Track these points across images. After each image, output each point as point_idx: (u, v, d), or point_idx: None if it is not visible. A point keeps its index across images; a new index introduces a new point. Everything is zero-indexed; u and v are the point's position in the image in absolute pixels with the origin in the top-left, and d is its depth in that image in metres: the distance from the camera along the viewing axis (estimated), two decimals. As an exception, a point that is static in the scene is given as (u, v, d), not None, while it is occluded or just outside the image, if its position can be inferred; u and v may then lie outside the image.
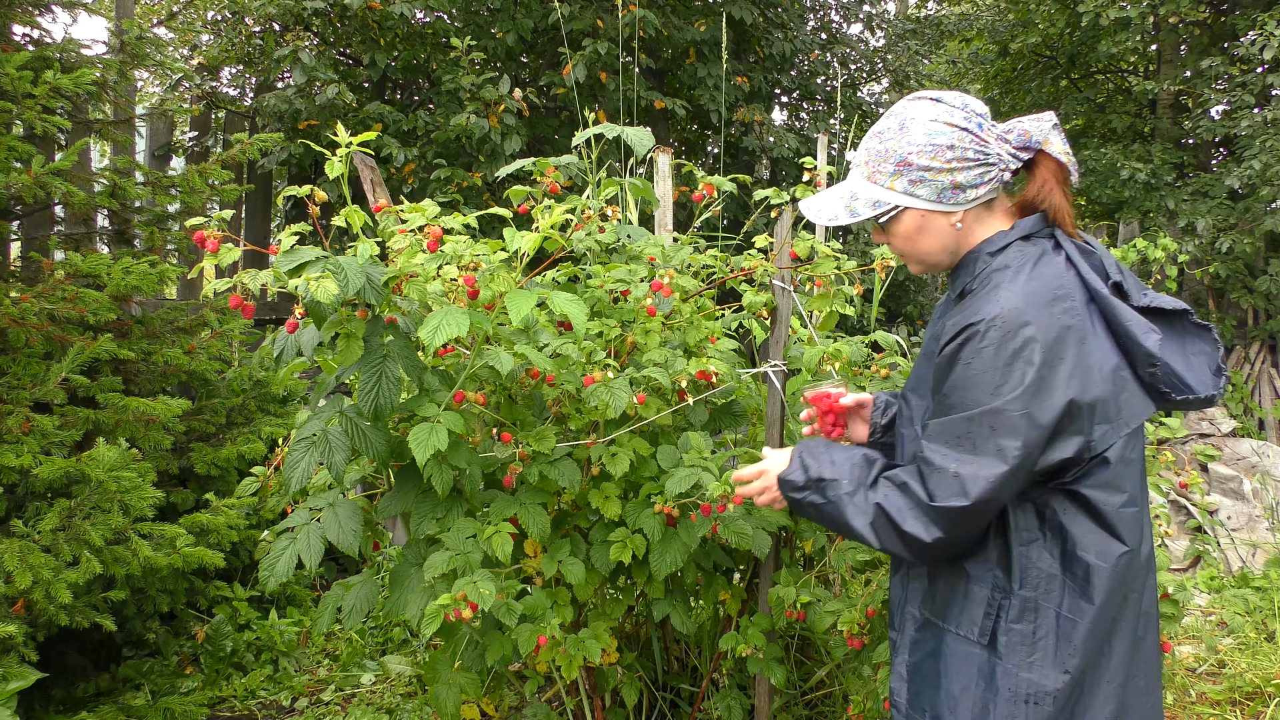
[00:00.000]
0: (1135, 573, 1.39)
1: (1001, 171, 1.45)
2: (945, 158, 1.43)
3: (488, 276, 1.89)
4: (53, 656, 2.89)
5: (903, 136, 1.46)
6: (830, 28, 9.28)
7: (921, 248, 1.52)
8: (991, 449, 1.33)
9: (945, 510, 1.36)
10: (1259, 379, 6.88)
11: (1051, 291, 1.36)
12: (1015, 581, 1.39)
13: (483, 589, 1.79)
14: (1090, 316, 1.38)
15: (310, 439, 1.89)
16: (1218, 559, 5.10)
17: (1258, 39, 6.51)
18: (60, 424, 2.69)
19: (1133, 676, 1.42)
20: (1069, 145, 1.45)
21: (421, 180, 5.83)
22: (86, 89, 3.10)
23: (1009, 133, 1.45)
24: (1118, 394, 1.37)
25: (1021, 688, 1.37)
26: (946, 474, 1.36)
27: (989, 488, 1.33)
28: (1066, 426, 1.33)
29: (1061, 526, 1.38)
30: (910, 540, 1.40)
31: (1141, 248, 5.89)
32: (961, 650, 1.45)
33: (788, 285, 2.31)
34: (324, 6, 5.84)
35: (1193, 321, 1.44)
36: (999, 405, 1.32)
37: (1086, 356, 1.34)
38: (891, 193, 1.48)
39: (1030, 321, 1.33)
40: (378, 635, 3.72)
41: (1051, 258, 1.42)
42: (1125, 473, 1.37)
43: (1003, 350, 1.33)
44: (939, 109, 1.45)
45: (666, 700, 2.69)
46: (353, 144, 1.88)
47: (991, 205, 1.49)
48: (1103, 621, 1.36)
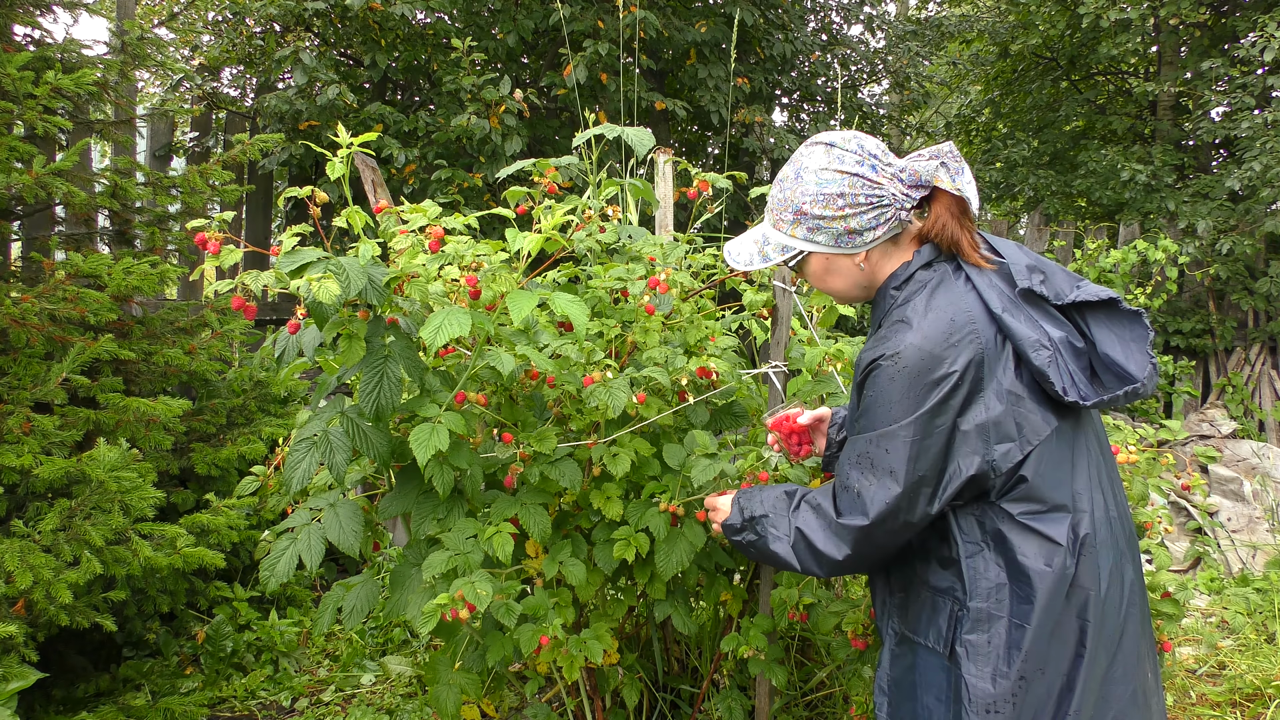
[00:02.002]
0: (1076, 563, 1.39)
1: (898, 210, 1.50)
2: (837, 205, 1.49)
3: (489, 277, 1.89)
4: (53, 657, 2.89)
5: (798, 186, 1.52)
6: (831, 29, 9.29)
7: (832, 286, 1.60)
8: (885, 469, 1.41)
9: (849, 528, 1.45)
10: (1259, 380, 6.87)
11: (948, 320, 1.41)
12: (967, 593, 1.42)
13: (480, 589, 1.79)
14: (993, 338, 1.41)
15: (311, 439, 1.89)
16: (1218, 560, 5.10)
17: (1258, 41, 6.51)
18: (61, 424, 2.69)
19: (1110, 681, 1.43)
20: (966, 174, 1.48)
21: (422, 181, 5.84)
22: (87, 89, 3.10)
23: (902, 172, 1.49)
24: (1018, 413, 1.39)
25: (980, 698, 1.39)
26: (851, 492, 1.45)
27: (885, 507, 1.41)
28: (959, 450, 1.38)
29: (1002, 534, 1.41)
30: (823, 559, 1.48)
31: (1142, 249, 5.89)
32: (932, 664, 1.48)
33: (788, 286, 2.31)
34: (325, 7, 5.84)
35: (1124, 309, 1.46)
36: (893, 429, 1.40)
37: (983, 380, 1.39)
38: (794, 239, 1.55)
39: (925, 353, 1.39)
40: (378, 636, 3.72)
41: (950, 283, 1.46)
42: (1045, 482, 1.39)
43: (898, 380, 1.40)
44: (830, 156, 1.50)
45: (667, 701, 2.69)
46: (354, 145, 1.88)
47: (898, 239, 1.54)
48: (1049, 623, 1.37)
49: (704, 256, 2.52)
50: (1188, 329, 7.00)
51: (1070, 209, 8.95)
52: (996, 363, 1.40)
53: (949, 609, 1.45)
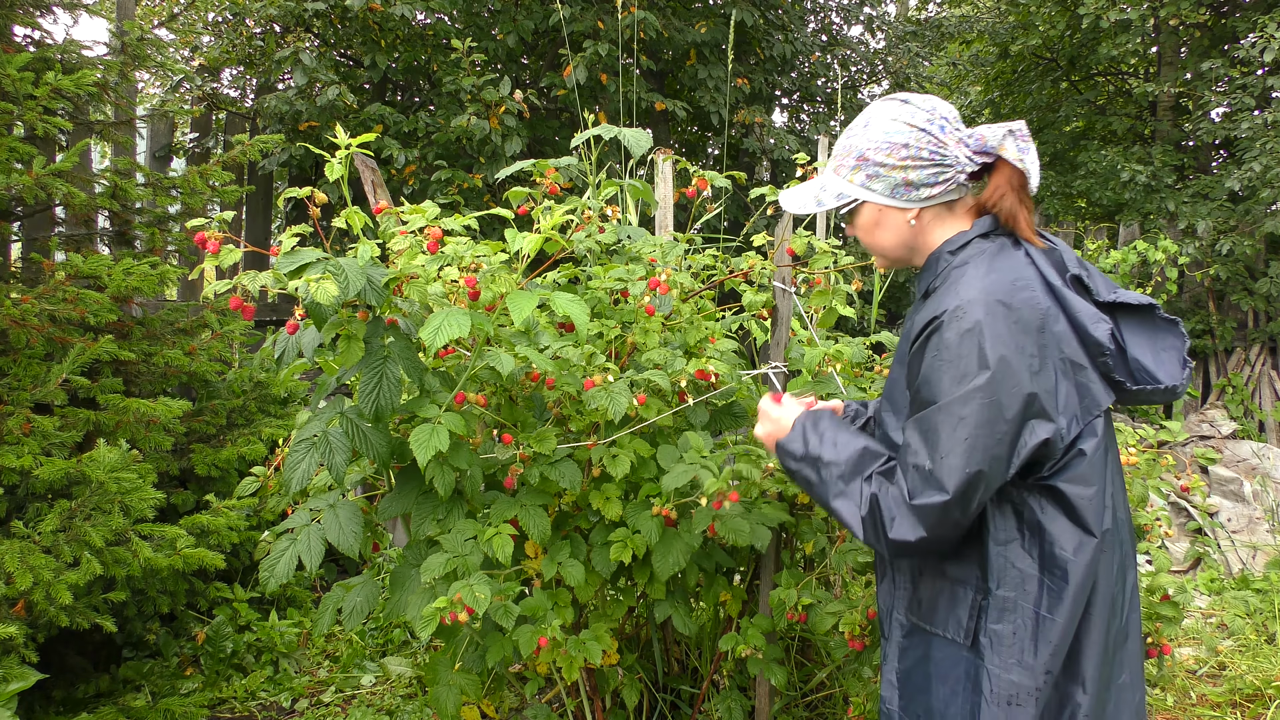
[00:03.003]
0: (1102, 559, 1.40)
1: (958, 173, 1.49)
2: (900, 155, 1.48)
3: (489, 277, 1.89)
4: (53, 657, 2.89)
5: (865, 134, 1.52)
6: (831, 30, 9.29)
7: (879, 241, 1.58)
8: (960, 438, 1.34)
9: (925, 508, 1.37)
10: (1259, 381, 6.87)
11: (1010, 282, 1.39)
12: (993, 582, 1.40)
13: (478, 592, 1.79)
14: (1051, 306, 1.41)
15: (311, 440, 1.89)
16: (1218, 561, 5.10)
17: (1258, 41, 6.51)
18: (61, 425, 2.69)
19: (1117, 674, 1.43)
20: (1031, 152, 1.48)
21: (422, 181, 5.84)
22: (87, 90, 3.10)
23: (970, 137, 1.49)
24: (1079, 383, 1.39)
25: (1003, 689, 1.38)
26: (921, 471, 1.38)
27: (965, 479, 1.34)
28: (1036, 413, 1.35)
29: (1040, 526, 1.39)
30: (894, 540, 1.41)
31: (1142, 250, 5.89)
32: (950, 654, 1.46)
33: (788, 286, 2.31)
34: (325, 8, 5.84)
35: (1161, 316, 1.46)
36: (966, 392, 1.34)
37: (1046, 345, 1.37)
38: (851, 186, 1.55)
39: (990, 310, 1.35)
40: (378, 637, 3.72)
41: (1010, 252, 1.45)
42: (1097, 464, 1.39)
43: (966, 339, 1.35)
44: (903, 110, 1.50)
45: (667, 701, 2.69)
46: (353, 145, 1.88)
47: (953, 206, 1.53)
48: (1076, 615, 1.38)
49: (704, 257, 2.52)
50: (1188, 329, 6.99)
51: (1070, 209, 8.95)
52: (1059, 330, 1.39)
53: (970, 599, 1.43)
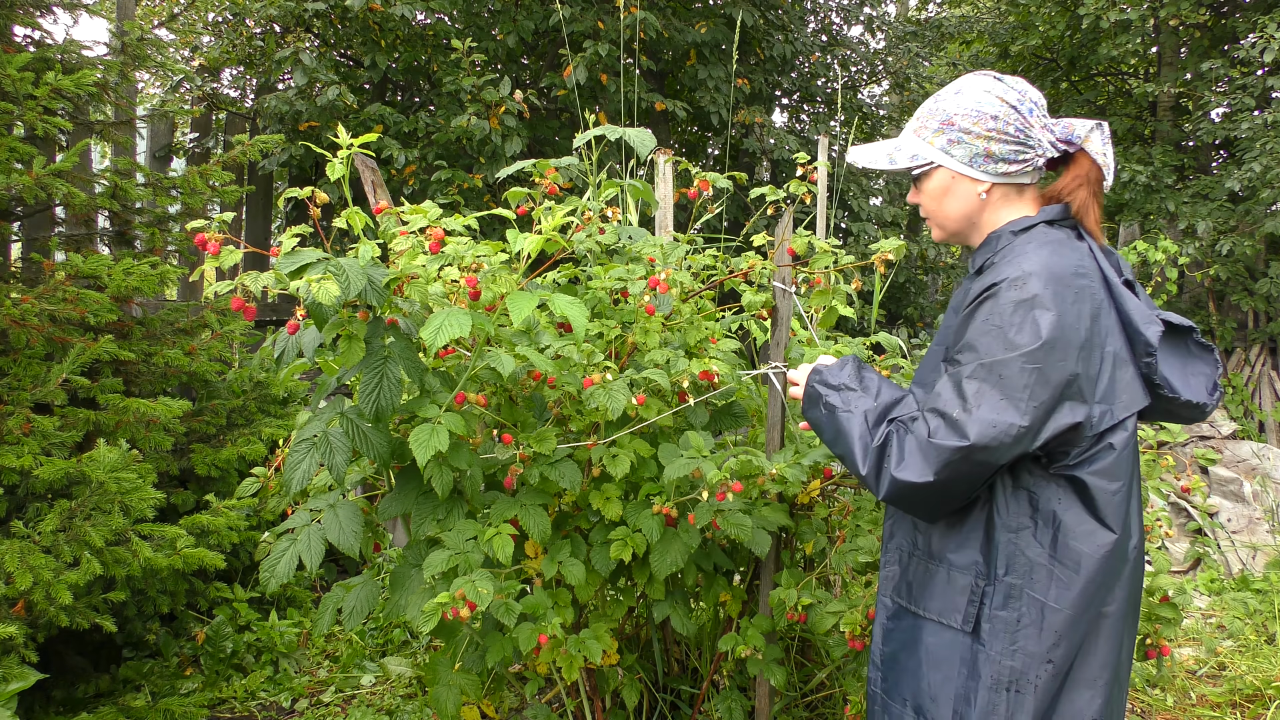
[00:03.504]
0: (1119, 562, 1.39)
1: (1037, 156, 1.50)
2: (986, 125, 1.49)
3: (489, 278, 1.89)
4: (53, 657, 2.89)
5: (956, 100, 1.53)
6: (831, 30, 9.29)
7: (945, 209, 1.57)
8: (998, 397, 1.35)
9: (941, 448, 1.36)
10: (1259, 381, 6.87)
11: (1073, 266, 1.40)
12: (1000, 568, 1.40)
13: (480, 588, 1.79)
14: (1106, 299, 1.42)
15: (311, 440, 1.89)
16: (1218, 561, 5.10)
17: (1258, 41, 6.51)
18: (61, 425, 2.69)
19: (1118, 675, 1.43)
20: (1111, 152, 1.50)
21: (422, 182, 5.84)
22: (87, 90, 3.10)
23: (1056, 125, 1.51)
24: (1120, 377, 1.40)
25: (1004, 675, 1.38)
26: (949, 417, 1.38)
27: (993, 433, 1.33)
28: (1074, 393, 1.35)
29: (1054, 515, 1.39)
30: (897, 479, 1.40)
31: (1142, 250, 5.89)
32: (944, 639, 1.45)
33: (788, 287, 2.31)
34: (325, 8, 5.84)
35: (1197, 341, 1.47)
36: (1012, 357, 1.35)
37: (1098, 333, 1.38)
38: (930, 148, 1.55)
39: (1050, 285, 1.36)
40: (378, 637, 3.72)
41: (1075, 243, 1.46)
42: (1124, 461, 1.39)
43: (1021, 307, 1.36)
44: (997, 85, 1.52)
45: (667, 702, 2.69)
46: (353, 145, 1.88)
47: (1023, 191, 1.54)
48: (1088, 612, 1.37)
49: (704, 257, 2.52)
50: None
51: (1070, 210, 8.94)
52: (1108, 324, 1.40)
53: (970, 584, 1.43)
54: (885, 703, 1.54)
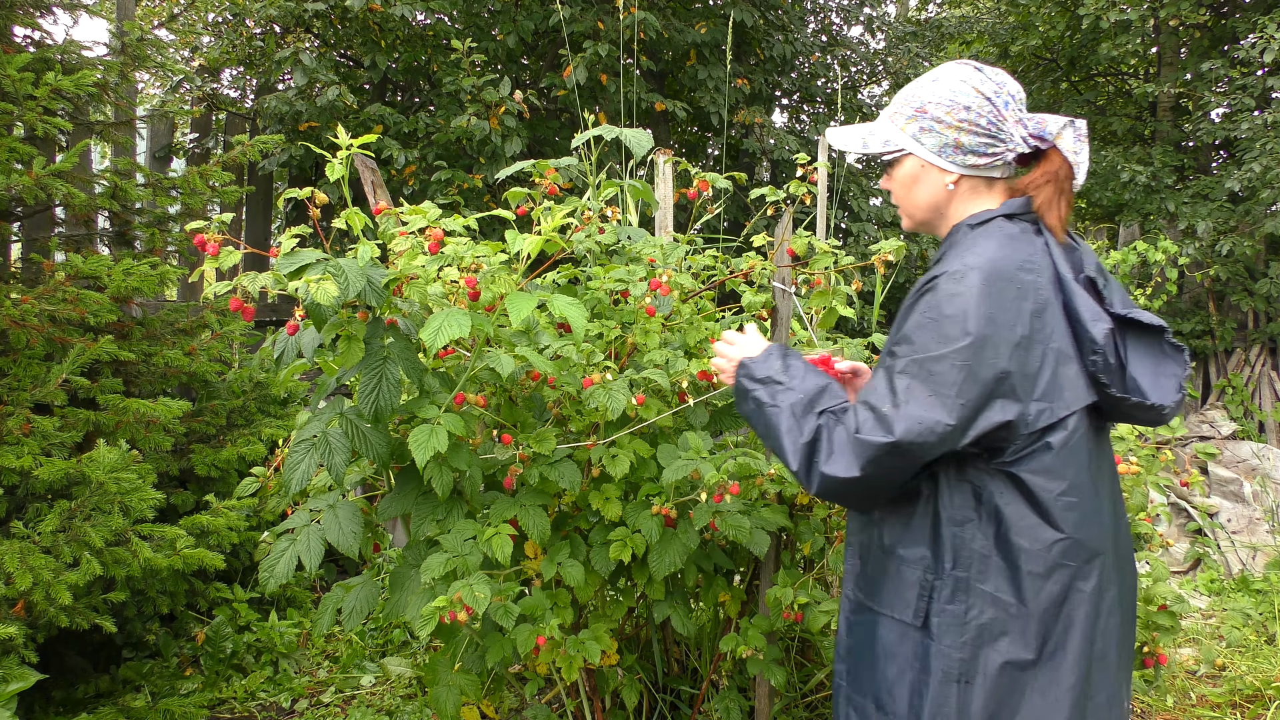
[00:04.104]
0: (1078, 562, 1.36)
1: (1008, 151, 1.48)
2: (959, 116, 1.47)
3: (489, 278, 1.89)
4: (52, 658, 2.89)
5: (931, 87, 1.51)
6: (831, 30, 9.30)
7: (914, 197, 1.56)
8: (927, 394, 1.34)
9: (867, 444, 1.35)
10: (1259, 381, 6.87)
11: (1019, 261, 1.38)
12: (947, 561, 1.39)
13: (478, 592, 1.79)
14: (1054, 298, 1.39)
15: (310, 441, 1.90)
16: (1218, 562, 5.10)
17: (1258, 42, 6.51)
18: (61, 425, 2.69)
19: (1090, 688, 1.38)
20: (1085, 151, 1.48)
21: (422, 182, 5.84)
22: (87, 91, 3.10)
23: (1030, 120, 1.49)
24: (1063, 375, 1.37)
25: (954, 668, 1.36)
26: (877, 411, 1.37)
27: (918, 430, 1.33)
28: (1006, 391, 1.34)
29: (997, 509, 1.37)
30: (826, 475, 1.39)
31: (1142, 250, 5.89)
32: (897, 633, 1.44)
33: (788, 287, 2.31)
34: (325, 8, 5.84)
35: (1169, 341, 1.44)
36: (943, 353, 1.34)
37: (1039, 330, 1.36)
38: (902, 135, 1.54)
39: (989, 281, 1.35)
40: (378, 637, 3.72)
41: (1030, 237, 1.44)
42: (1069, 461, 1.36)
43: (956, 301, 1.35)
44: (975, 75, 1.50)
45: (667, 702, 2.69)
46: (353, 146, 1.88)
47: (992, 184, 1.52)
48: (1045, 610, 1.35)
49: (704, 258, 2.52)
50: (1188, 330, 7.01)
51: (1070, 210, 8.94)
52: (1053, 321, 1.38)
53: (919, 578, 1.42)
54: (849, 695, 1.53)
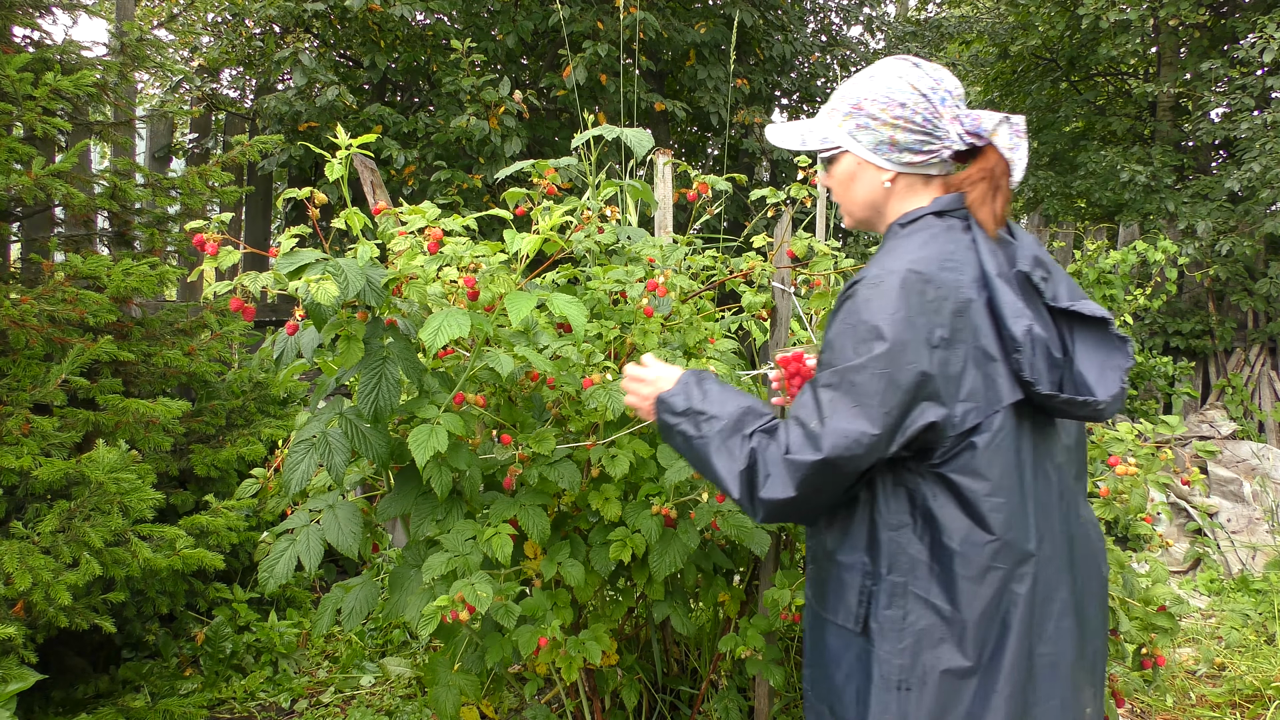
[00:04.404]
0: (1012, 564, 1.34)
1: (944, 147, 1.47)
2: (894, 113, 1.46)
3: (488, 278, 1.89)
4: (52, 658, 2.89)
5: (868, 84, 1.50)
6: (830, 30, 9.29)
7: (852, 195, 1.56)
8: (850, 405, 1.33)
9: (798, 464, 1.35)
10: (1259, 381, 6.88)
11: (940, 261, 1.37)
12: (884, 567, 1.38)
13: (480, 591, 1.79)
14: (977, 295, 1.37)
15: (310, 441, 1.89)
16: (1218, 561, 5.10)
17: (1257, 42, 6.52)
18: (60, 426, 2.69)
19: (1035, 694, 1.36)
20: (1022, 148, 1.45)
21: (421, 182, 5.84)
22: (87, 91, 3.10)
23: (966, 117, 1.46)
24: (986, 374, 1.35)
25: (893, 674, 1.35)
26: (806, 428, 1.36)
27: (844, 444, 1.32)
28: (929, 394, 1.32)
29: (931, 513, 1.36)
30: (767, 500, 1.38)
31: (1141, 250, 5.89)
32: (842, 639, 1.44)
33: (787, 287, 2.31)
34: (324, 8, 5.84)
35: (1111, 333, 1.41)
36: (862, 362, 1.33)
37: (961, 330, 1.34)
38: (839, 131, 1.53)
39: (906, 285, 1.33)
40: (377, 637, 3.72)
41: (955, 234, 1.43)
42: (995, 461, 1.34)
43: (872, 308, 1.34)
44: (911, 71, 1.48)
45: (666, 702, 2.69)
46: (353, 146, 1.88)
47: (929, 181, 1.51)
48: (981, 614, 1.33)
49: (703, 258, 2.52)
50: (1187, 330, 7.01)
51: (1070, 210, 8.95)
52: (976, 319, 1.35)
53: (859, 584, 1.41)
54: (811, 700, 1.53)
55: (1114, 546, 2.27)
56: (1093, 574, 1.47)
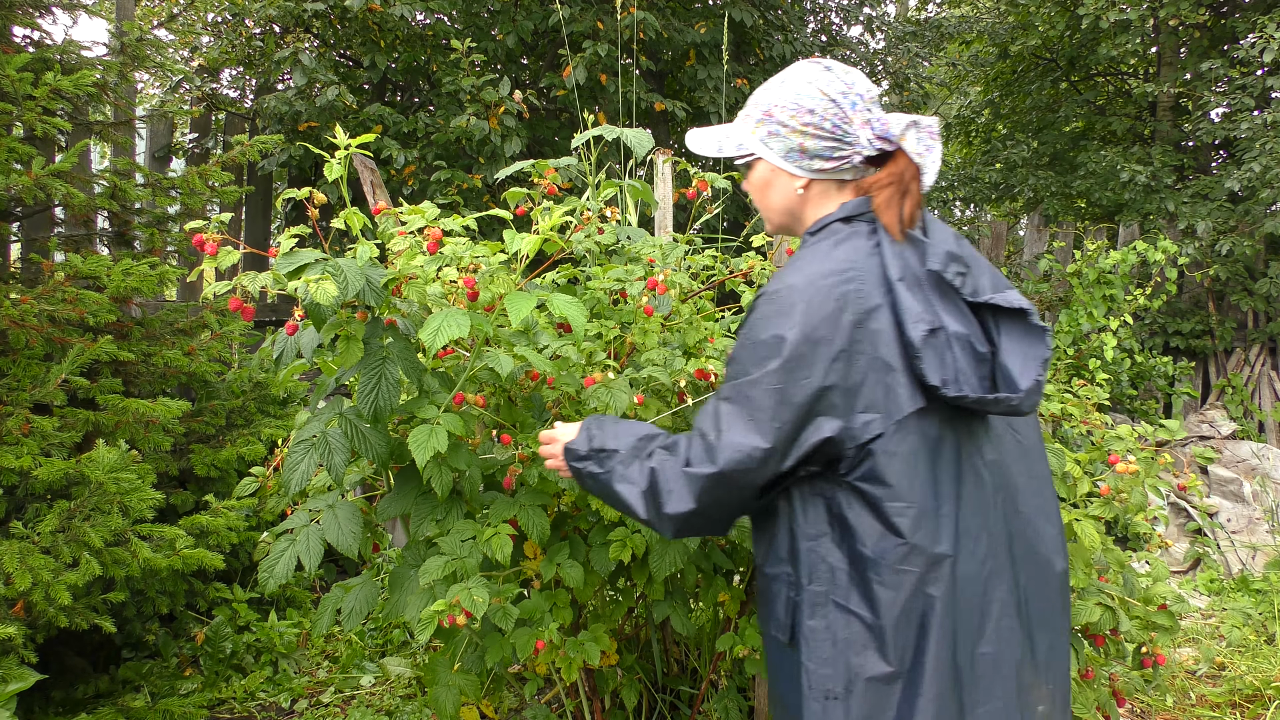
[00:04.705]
0: (925, 569, 1.33)
1: (855, 153, 1.46)
2: (803, 120, 1.46)
3: (487, 278, 1.89)
4: (52, 658, 2.89)
5: (779, 90, 1.50)
6: (830, 30, 9.29)
7: (766, 201, 1.57)
8: (745, 419, 1.34)
9: (695, 476, 1.37)
10: (1259, 381, 6.87)
11: (838, 273, 1.36)
12: (804, 577, 1.38)
13: (477, 595, 1.78)
14: (882, 300, 1.36)
15: (310, 441, 1.89)
16: (1218, 561, 5.10)
17: (1257, 42, 6.51)
18: (60, 425, 2.69)
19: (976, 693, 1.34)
20: (935, 151, 1.43)
21: (421, 182, 5.84)
22: (87, 91, 3.10)
23: (877, 121, 1.46)
24: (885, 384, 1.33)
25: (820, 684, 1.35)
26: (706, 440, 1.38)
27: (737, 458, 1.34)
28: (825, 408, 1.32)
29: (846, 521, 1.36)
30: (671, 515, 1.40)
31: (1141, 250, 5.89)
32: (778, 651, 1.45)
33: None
34: (324, 8, 5.84)
35: (1031, 323, 1.39)
36: (757, 377, 1.34)
37: (859, 341, 1.33)
38: (753, 139, 1.53)
39: (803, 298, 1.34)
40: (377, 637, 3.72)
41: (859, 240, 1.42)
42: (898, 467, 1.33)
43: (771, 325, 1.35)
44: (822, 76, 1.47)
45: (666, 702, 2.69)
46: (352, 146, 1.88)
47: (843, 186, 1.50)
48: (899, 620, 1.32)
49: (703, 258, 2.52)
50: (1187, 330, 7.01)
51: (1070, 210, 8.96)
52: (877, 328, 1.34)
53: (785, 595, 1.41)
54: (772, 713, 1.55)
55: (1114, 546, 2.27)
56: (1040, 570, 1.44)
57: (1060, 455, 2.26)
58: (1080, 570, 2.13)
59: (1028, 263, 7.12)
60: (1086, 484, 2.28)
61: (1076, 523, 2.09)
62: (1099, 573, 2.25)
